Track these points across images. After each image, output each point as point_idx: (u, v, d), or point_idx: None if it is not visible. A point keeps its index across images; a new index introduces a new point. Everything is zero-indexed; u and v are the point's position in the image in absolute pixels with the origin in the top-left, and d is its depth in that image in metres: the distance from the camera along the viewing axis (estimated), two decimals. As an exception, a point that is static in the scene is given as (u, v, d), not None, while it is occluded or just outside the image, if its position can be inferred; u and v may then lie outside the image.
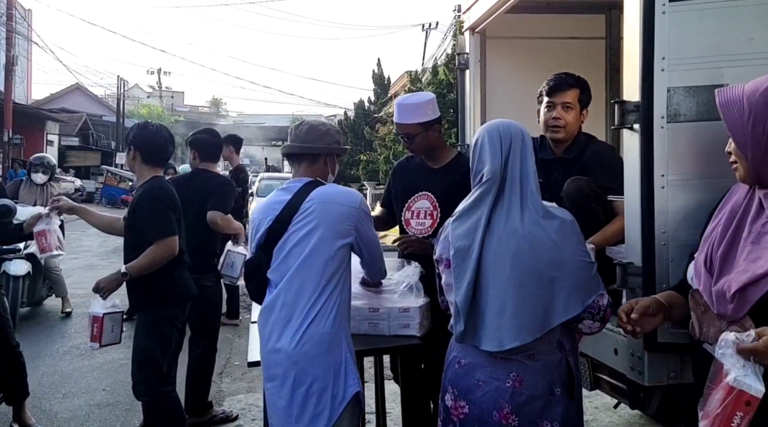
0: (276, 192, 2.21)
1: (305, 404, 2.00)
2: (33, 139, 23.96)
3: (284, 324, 2.04)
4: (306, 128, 2.22)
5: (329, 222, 2.07)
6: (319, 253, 2.04)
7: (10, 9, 19.92)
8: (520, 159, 1.77)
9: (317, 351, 2.01)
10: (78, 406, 3.93)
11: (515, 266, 1.69)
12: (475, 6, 3.41)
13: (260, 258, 2.10)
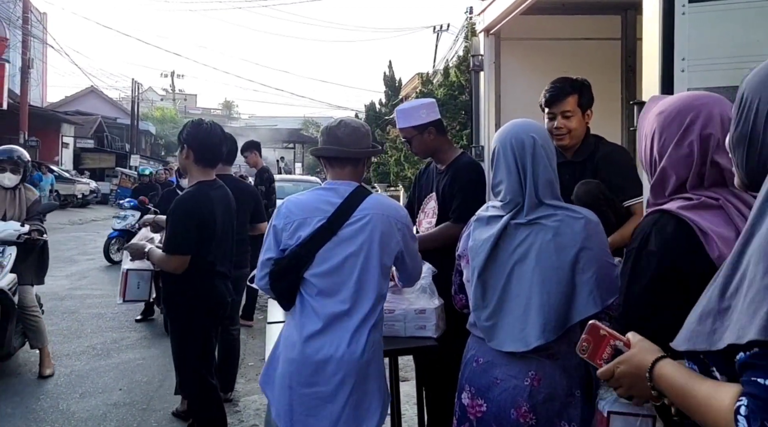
0: (320, 192, 2.11)
1: (359, 406, 2.01)
2: (48, 142, 24.24)
3: (345, 332, 1.99)
4: (349, 130, 2.10)
5: (384, 234, 2.04)
6: (376, 263, 2.02)
7: (26, 12, 20.19)
8: (532, 170, 1.78)
9: (377, 357, 2.07)
10: (95, 405, 3.97)
11: (540, 262, 1.71)
12: (489, 8, 3.41)
13: (301, 257, 2.00)
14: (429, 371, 2.81)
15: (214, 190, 2.89)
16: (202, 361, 2.90)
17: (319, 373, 1.97)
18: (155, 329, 5.88)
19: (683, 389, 0.96)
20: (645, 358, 1.06)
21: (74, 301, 7.06)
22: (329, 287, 2.01)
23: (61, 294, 7.37)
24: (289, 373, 2.00)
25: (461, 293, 2.00)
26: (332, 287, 2.01)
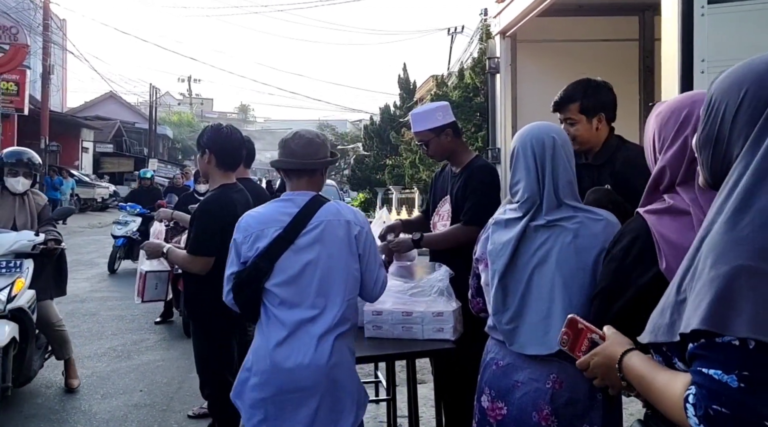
0: (278, 203, 2.15)
1: (333, 409, 2.05)
2: (69, 147, 24.63)
3: (312, 339, 2.02)
4: (304, 142, 2.15)
5: (342, 239, 2.08)
6: (339, 268, 2.07)
7: (46, 19, 20.55)
8: (551, 169, 1.78)
9: (345, 360, 2.10)
10: (116, 406, 4.02)
11: (560, 264, 1.71)
12: (505, 11, 3.41)
13: (260, 268, 2.04)
14: (447, 373, 2.81)
15: (235, 193, 2.93)
16: (222, 362, 2.93)
17: (290, 381, 2.01)
18: (174, 331, 5.95)
19: (645, 379, 1.02)
20: (615, 350, 1.12)
21: (95, 303, 7.16)
22: (291, 295, 2.04)
23: (81, 296, 7.48)
24: (260, 384, 2.03)
25: (478, 297, 2.00)
26: (294, 296, 2.04)
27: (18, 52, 16.58)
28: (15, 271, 3.56)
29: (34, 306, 3.68)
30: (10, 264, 3.57)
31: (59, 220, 4.21)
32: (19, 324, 3.55)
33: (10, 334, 3.42)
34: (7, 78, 17.01)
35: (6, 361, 3.43)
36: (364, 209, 22.53)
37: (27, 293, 3.62)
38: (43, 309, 3.87)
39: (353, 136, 40.07)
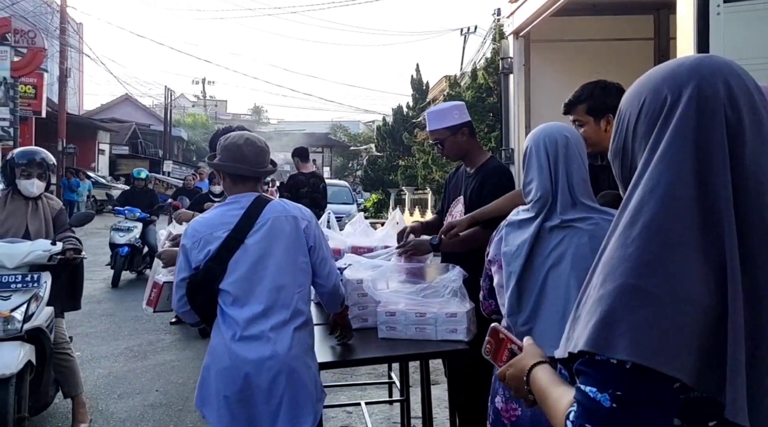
0: (222, 207, 2.21)
1: (295, 403, 2.09)
2: (85, 149, 24.95)
3: (269, 332, 2.07)
4: (256, 150, 2.21)
5: (290, 233, 2.16)
6: (289, 262, 2.14)
7: (63, 23, 20.83)
8: (565, 167, 1.78)
9: (304, 353, 2.16)
10: (133, 406, 4.07)
11: (576, 266, 1.70)
12: (518, 11, 3.40)
13: (213, 269, 2.09)
14: (460, 374, 2.81)
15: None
16: None
17: (251, 376, 2.05)
18: (189, 331, 6.00)
19: (543, 393, 1.03)
20: (527, 362, 1.11)
21: (111, 304, 7.25)
22: (244, 293, 2.10)
23: (98, 297, 7.58)
24: (223, 384, 2.06)
25: (491, 299, 2.00)
26: (247, 293, 2.10)
27: (36, 55, 16.81)
28: (31, 286, 3.17)
29: (52, 325, 3.31)
30: (26, 278, 3.18)
31: (78, 226, 3.75)
32: (36, 345, 3.16)
33: (25, 358, 3.04)
34: (24, 81, 17.25)
35: (21, 389, 3.03)
36: (377, 210, 22.55)
37: (45, 311, 3.23)
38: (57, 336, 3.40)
39: (366, 137, 40.10)
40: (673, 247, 0.81)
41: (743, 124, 0.84)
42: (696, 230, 0.81)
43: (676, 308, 0.79)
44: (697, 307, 0.79)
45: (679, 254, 0.80)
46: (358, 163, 38.83)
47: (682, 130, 0.85)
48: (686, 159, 0.84)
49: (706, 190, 0.82)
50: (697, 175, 0.83)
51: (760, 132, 0.84)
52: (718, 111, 0.84)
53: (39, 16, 22.30)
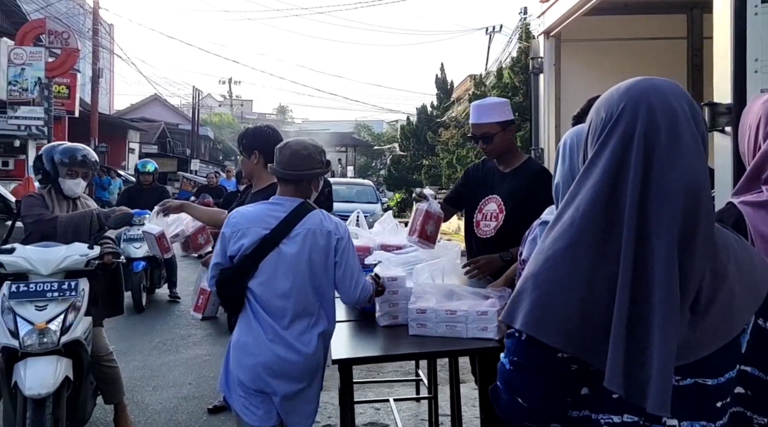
0: (266, 205, 2.31)
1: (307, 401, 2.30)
2: (116, 148, 25.46)
3: (296, 335, 2.23)
4: (288, 153, 2.31)
5: (321, 248, 2.26)
6: (314, 274, 2.25)
7: (95, 24, 21.30)
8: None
9: (323, 357, 2.33)
10: (167, 398, 4.18)
11: None
12: (550, 10, 3.40)
13: (245, 266, 2.21)
14: (490, 373, 2.82)
15: None
16: None
17: (272, 373, 2.20)
18: (219, 327, 6.11)
19: None
20: None
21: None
22: (272, 295, 2.21)
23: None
24: (246, 377, 2.22)
25: None
26: (274, 296, 2.21)
27: (69, 56, 17.23)
28: (68, 294, 2.95)
29: (90, 336, 3.11)
30: (63, 286, 2.95)
31: (116, 228, 3.53)
32: (74, 359, 2.95)
33: (63, 374, 2.84)
34: (58, 81, 17.70)
35: (58, 407, 2.82)
36: (400, 209, 22.58)
37: (84, 321, 3.01)
38: (93, 338, 3.19)
39: (389, 137, 40.15)
40: (573, 245, 0.97)
41: (660, 141, 0.95)
42: (600, 232, 0.96)
43: (560, 293, 0.96)
44: (580, 294, 0.95)
45: (577, 251, 0.96)
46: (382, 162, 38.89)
47: (608, 146, 0.99)
48: (606, 172, 0.97)
49: (617, 199, 0.95)
50: (612, 187, 0.96)
51: (675, 147, 0.95)
52: (637, 130, 0.96)
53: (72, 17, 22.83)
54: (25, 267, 2.94)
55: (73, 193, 3.34)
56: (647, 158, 0.95)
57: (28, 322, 2.84)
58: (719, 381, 1.00)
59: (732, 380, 1.02)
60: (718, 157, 2.02)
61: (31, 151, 16.83)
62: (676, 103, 0.97)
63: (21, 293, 2.90)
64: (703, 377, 0.99)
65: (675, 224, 0.92)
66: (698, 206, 0.94)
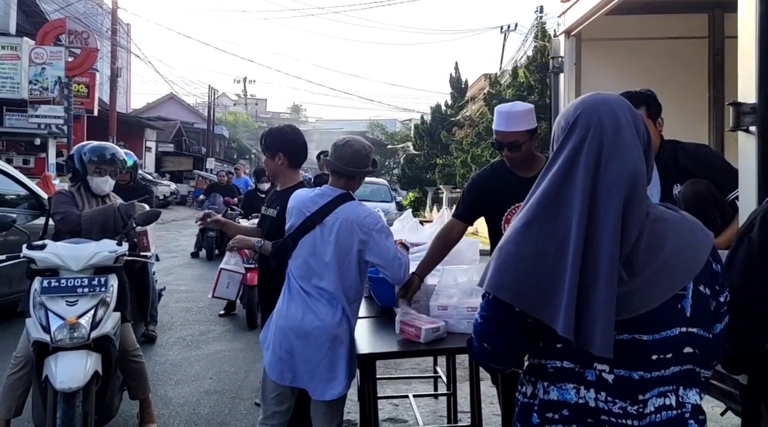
0: (315, 192, 2.60)
1: (332, 368, 2.45)
2: (133, 146, 25.61)
3: (322, 306, 2.47)
4: (351, 151, 2.56)
5: (348, 236, 2.47)
6: (342, 257, 2.48)
7: (114, 24, 21.55)
8: None
9: (347, 330, 2.52)
10: (189, 392, 4.26)
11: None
12: (571, 9, 3.41)
13: (288, 244, 2.55)
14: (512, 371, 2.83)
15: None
16: None
17: (301, 337, 2.46)
18: (238, 323, 6.20)
19: None
20: None
21: (163, 296, 7.52)
22: (308, 269, 2.51)
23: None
24: (279, 337, 2.51)
25: None
26: (310, 269, 2.50)
27: (89, 55, 17.48)
28: (98, 290, 2.98)
29: (118, 332, 3.13)
30: (93, 282, 2.98)
31: (143, 225, 3.49)
32: (102, 354, 2.97)
33: (92, 369, 2.87)
34: (78, 80, 17.96)
35: (88, 401, 2.85)
36: (414, 209, 22.59)
37: (113, 317, 3.04)
38: (121, 334, 3.20)
39: (403, 136, 40.14)
40: (530, 222, 1.22)
41: (606, 140, 1.20)
42: (553, 213, 1.20)
43: (516, 261, 1.21)
44: (531, 261, 1.19)
45: (532, 228, 1.21)
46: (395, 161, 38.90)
47: (566, 146, 1.23)
48: (563, 164, 1.22)
49: (569, 186, 1.20)
50: (565, 176, 1.21)
51: (618, 144, 1.20)
52: (590, 131, 1.21)
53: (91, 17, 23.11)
54: (56, 263, 2.98)
55: (101, 191, 3.41)
56: (597, 153, 1.20)
57: (60, 317, 2.88)
58: (654, 337, 1.20)
59: (672, 338, 1.21)
60: (743, 157, 2.03)
61: (51, 150, 17.09)
62: (620, 111, 1.23)
63: (52, 288, 2.94)
64: (639, 333, 1.19)
65: (618, 203, 1.16)
66: (635, 189, 1.18)
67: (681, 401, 1.23)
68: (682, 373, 1.23)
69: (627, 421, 1.20)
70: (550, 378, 1.26)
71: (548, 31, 15.35)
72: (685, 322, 1.21)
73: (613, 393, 1.21)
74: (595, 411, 1.22)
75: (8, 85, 17.57)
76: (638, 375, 1.20)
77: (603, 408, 1.21)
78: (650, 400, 1.21)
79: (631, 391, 1.20)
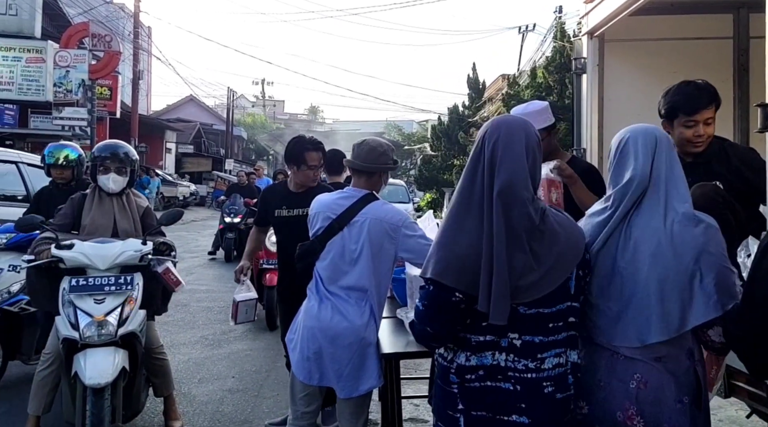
0: (339, 195, 2.62)
1: (360, 367, 2.47)
2: (154, 147, 26.10)
3: (351, 307, 2.48)
4: (367, 149, 2.61)
5: (377, 236, 2.50)
6: (371, 258, 2.49)
7: (136, 28, 21.87)
8: (666, 161, 1.75)
9: (374, 334, 2.55)
10: (212, 391, 4.31)
11: (655, 263, 1.68)
12: (594, 10, 3.41)
13: (315, 246, 2.55)
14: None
15: None
16: None
17: (329, 337, 2.47)
18: (258, 323, 6.22)
19: None
20: None
21: (184, 295, 7.60)
22: (336, 270, 2.52)
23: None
24: (307, 337, 2.51)
25: None
26: (338, 271, 2.51)
27: (112, 58, 17.77)
28: (125, 288, 3.05)
29: (144, 329, 3.19)
30: (120, 280, 3.05)
31: (167, 224, 3.50)
32: (129, 350, 3.06)
33: (120, 365, 2.95)
34: (101, 83, 18.27)
35: (115, 397, 2.95)
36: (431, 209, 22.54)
37: (139, 315, 3.11)
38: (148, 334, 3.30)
39: (420, 137, 40.10)
40: (454, 218, 1.59)
41: (498, 151, 1.57)
42: (470, 210, 1.57)
43: (449, 251, 1.56)
44: (461, 251, 1.54)
45: (456, 223, 1.58)
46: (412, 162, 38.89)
47: (474, 157, 1.62)
48: (471, 170, 1.61)
49: (474, 187, 1.58)
50: (472, 180, 1.59)
51: (507, 155, 1.57)
52: (489, 145, 1.59)
53: (114, 20, 23.47)
54: (84, 262, 3.04)
55: (107, 189, 3.32)
56: (492, 161, 1.57)
57: (88, 314, 2.94)
58: (551, 310, 1.60)
59: (562, 310, 1.61)
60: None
61: (74, 151, 17.33)
62: (516, 128, 1.62)
63: (80, 286, 3.01)
64: (541, 308, 1.59)
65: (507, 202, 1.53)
66: (519, 192, 1.55)
67: (567, 360, 1.63)
68: (569, 337, 1.64)
69: (527, 375, 1.59)
70: (473, 349, 1.61)
71: (567, 32, 15.24)
72: (570, 298, 1.63)
73: (519, 354, 1.59)
74: (504, 369, 1.59)
75: (33, 88, 17.95)
76: (539, 339, 1.59)
77: (510, 366, 1.59)
78: (547, 358, 1.60)
79: (533, 352, 1.59)
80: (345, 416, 2.58)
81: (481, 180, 1.57)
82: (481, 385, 1.61)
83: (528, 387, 1.59)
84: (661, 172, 1.74)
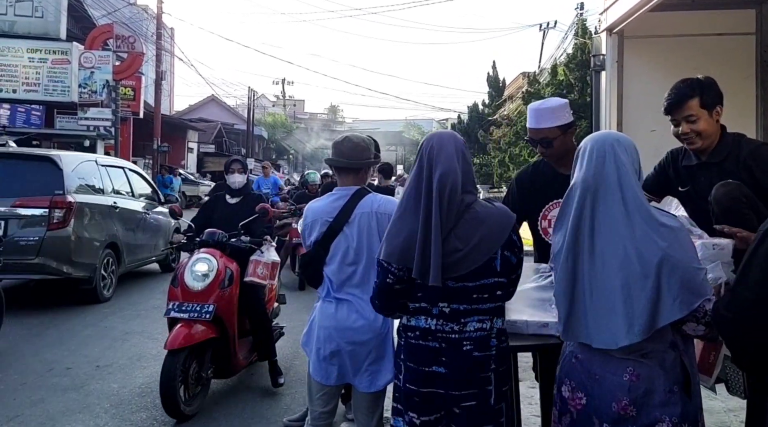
0: (330, 198, 2.63)
1: (377, 363, 2.53)
2: (176, 147, 26.45)
3: (367, 302, 2.42)
4: (351, 145, 2.63)
5: (375, 228, 2.52)
6: (372, 250, 2.47)
7: (159, 29, 22.18)
8: (616, 168, 1.78)
9: (391, 328, 2.58)
10: (229, 387, 4.38)
11: (622, 268, 1.72)
12: (613, 7, 3.38)
13: (318, 252, 2.58)
14: (552, 370, 2.82)
15: None
16: None
17: (348, 336, 2.51)
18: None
19: None
20: None
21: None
22: (345, 272, 2.55)
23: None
24: (324, 338, 2.54)
25: None
26: (347, 272, 2.55)
27: (135, 59, 18.05)
28: None
29: None
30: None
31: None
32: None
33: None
34: (125, 84, 18.56)
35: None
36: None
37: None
38: None
39: (440, 135, 39.92)
40: (404, 210, 1.96)
41: (433, 155, 1.95)
42: (416, 203, 1.92)
43: (397, 236, 1.94)
44: (407, 235, 1.91)
45: (405, 214, 1.95)
46: (432, 161, 38.72)
47: (417, 163, 1.99)
48: (416, 172, 1.98)
49: (420, 186, 1.94)
50: (418, 180, 1.95)
51: (440, 157, 1.94)
52: (426, 151, 1.97)
53: (136, 22, 23.84)
54: None
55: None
56: (429, 164, 1.94)
57: None
58: (476, 284, 1.92)
59: (486, 284, 1.93)
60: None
61: (99, 151, 17.69)
62: (446, 137, 2.04)
63: None
64: (466, 282, 1.92)
65: (442, 194, 1.88)
66: (452, 186, 1.90)
67: (492, 326, 1.96)
68: (495, 308, 1.97)
69: (452, 335, 1.93)
70: (411, 313, 2.00)
71: (589, 29, 15.08)
72: (496, 274, 1.93)
73: (446, 319, 1.93)
74: (433, 331, 1.95)
75: (59, 89, 18.32)
76: (463, 307, 1.93)
77: (439, 329, 1.94)
78: (469, 323, 1.93)
79: (458, 317, 1.93)
80: (361, 410, 2.62)
81: (424, 177, 1.92)
82: (416, 342, 1.98)
83: (450, 344, 1.93)
84: (612, 178, 1.77)
